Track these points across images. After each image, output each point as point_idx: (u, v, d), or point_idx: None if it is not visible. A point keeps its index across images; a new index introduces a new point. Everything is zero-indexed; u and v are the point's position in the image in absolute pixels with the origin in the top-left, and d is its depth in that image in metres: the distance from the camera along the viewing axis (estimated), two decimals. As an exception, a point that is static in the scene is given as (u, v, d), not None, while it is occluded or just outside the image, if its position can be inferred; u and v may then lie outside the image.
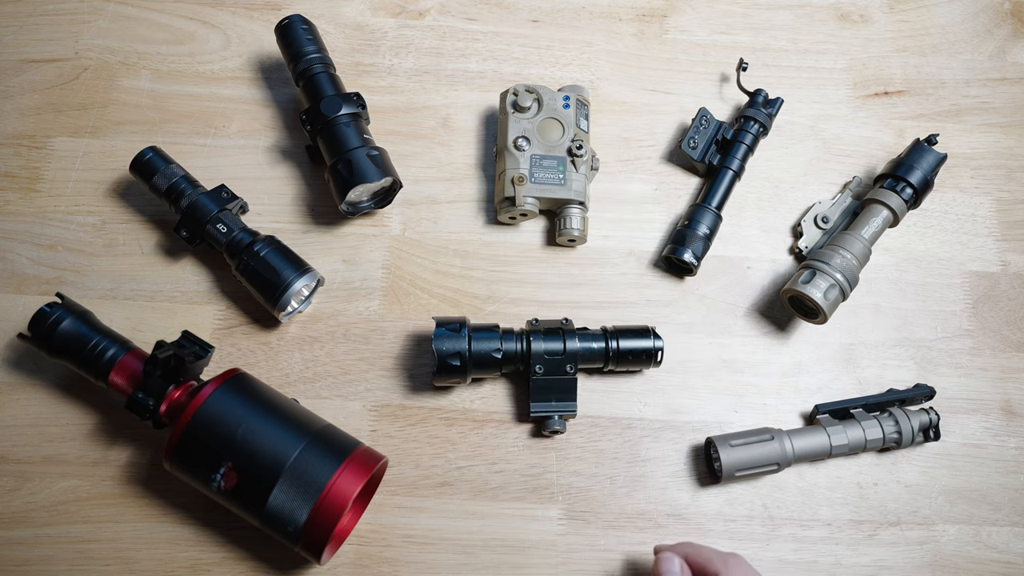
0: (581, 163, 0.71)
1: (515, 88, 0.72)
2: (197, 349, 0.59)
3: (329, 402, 0.66)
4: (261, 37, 0.80)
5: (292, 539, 0.55)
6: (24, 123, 0.75)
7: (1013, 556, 0.64)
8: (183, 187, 0.67)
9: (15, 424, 0.64)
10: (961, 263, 0.74)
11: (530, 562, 0.62)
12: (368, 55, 0.80)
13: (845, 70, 0.82)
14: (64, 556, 0.60)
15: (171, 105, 0.76)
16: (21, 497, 0.62)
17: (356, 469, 0.55)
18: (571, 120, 0.72)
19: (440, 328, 0.62)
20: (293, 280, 0.64)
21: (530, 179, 0.70)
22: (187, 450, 0.56)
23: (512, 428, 0.66)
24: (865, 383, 0.69)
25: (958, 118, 0.80)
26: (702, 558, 0.55)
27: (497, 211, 0.72)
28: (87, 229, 0.71)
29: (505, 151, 0.71)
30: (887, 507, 0.65)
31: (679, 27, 0.83)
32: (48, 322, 0.60)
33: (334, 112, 0.68)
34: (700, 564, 0.55)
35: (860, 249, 0.68)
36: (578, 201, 0.70)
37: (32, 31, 0.79)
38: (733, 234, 0.74)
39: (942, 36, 0.84)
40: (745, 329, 0.71)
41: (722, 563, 0.54)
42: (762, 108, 0.75)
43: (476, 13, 0.82)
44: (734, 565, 0.54)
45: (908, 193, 0.70)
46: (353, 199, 0.69)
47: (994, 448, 0.67)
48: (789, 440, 0.63)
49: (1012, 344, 0.71)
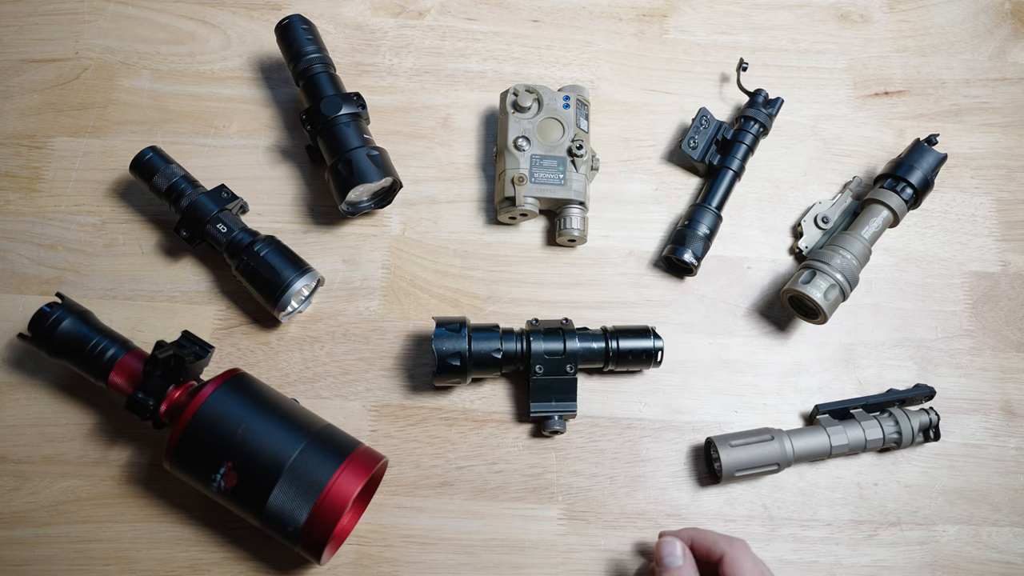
0: (581, 163, 0.70)
1: (515, 88, 0.72)
2: (197, 349, 0.59)
3: (329, 402, 0.66)
4: (261, 37, 0.80)
5: (292, 539, 0.55)
6: (24, 123, 0.75)
7: (1013, 556, 0.64)
8: (183, 187, 0.67)
9: (15, 424, 0.64)
10: (961, 263, 0.74)
11: (530, 562, 0.62)
12: (368, 55, 0.80)
13: (845, 70, 0.82)
14: (64, 556, 0.60)
15: (171, 105, 0.76)
16: (21, 497, 0.62)
17: (356, 469, 0.55)
18: (571, 120, 0.72)
19: (440, 328, 0.62)
20: (293, 280, 0.64)
21: (530, 179, 0.70)
22: (187, 450, 0.56)
23: (512, 428, 0.66)
24: (865, 383, 0.69)
25: (958, 118, 0.80)
26: (707, 542, 0.55)
27: (497, 211, 0.72)
28: (87, 229, 0.71)
29: (505, 151, 0.71)
30: (887, 507, 0.65)
31: (679, 27, 0.83)
32: (48, 322, 0.60)
33: (334, 112, 0.68)
34: (705, 547, 0.55)
35: (860, 249, 0.68)
36: (578, 201, 0.70)
37: (32, 31, 0.79)
38: (733, 234, 0.74)
39: (942, 36, 0.84)
40: (745, 329, 0.71)
41: (727, 545, 0.54)
42: (762, 108, 0.75)
43: (476, 13, 0.82)
44: (739, 547, 0.54)
45: (908, 193, 0.70)
46: (353, 199, 0.69)
47: (994, 448, 0.67)
48: (789, 440, 0.63)
49: (1012, 344, 0.71)
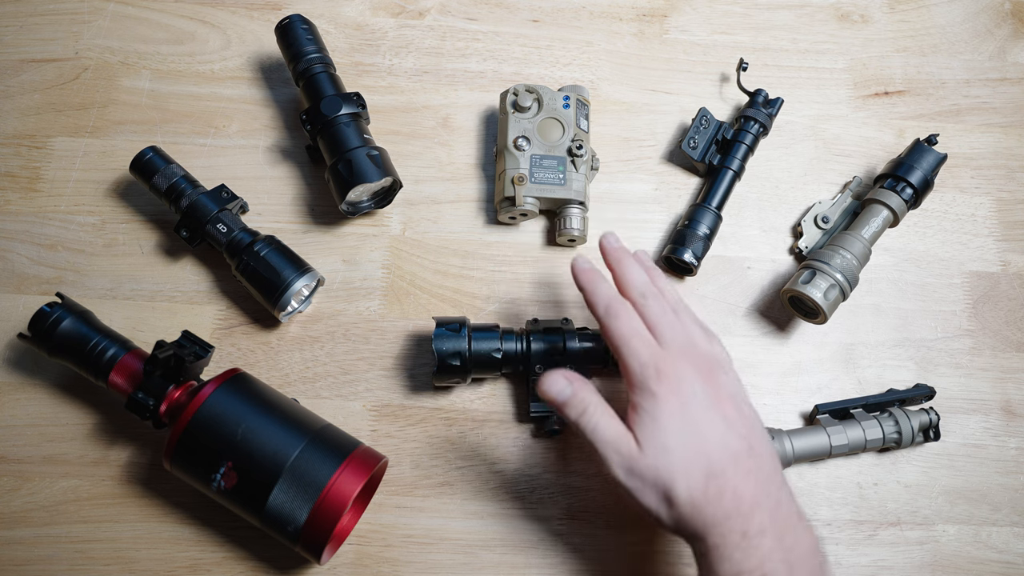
0: (581, 163, 0.70)
1: (515, 88, 0.72)
2: (197, 349, 0.59)
3: (329, 402, 0.66)
4: (261, 37, 0.80)
5: (292, 539, 0.55)
6: (24, 123, 0.75)
7: (1013, 556, 0.64)
8: (183, 187, 0.67)
9: (15, 424, 0.64)
10: (961, 263, 0.74)
11: (530, 562, 0.62)
12: (368, 55, 0.80)
13: (845, 70, 0.82)
14: (64, 556, 0.61)
15: (171, 105, 0.76)
16: (21, 497, 0.62)
17: (356, 469, 0.55)
18: (571, 120, 0.72)
19: (440, 328, 0.62)
20: (293, 280, 0.64)
21: (530, 179, 0.70)
22: (187, 450, 0.56)
23: (512, 428, 0.66)
24: (865, 383, 0.69)
25: (958, 118, 0.80)
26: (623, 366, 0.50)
27: (497, 211, 0.72)
28: (87, 229, 0.71)
29: (505, 151, 0.71)
30: (887, 507, 0.65)
31: (679, 27, 0.83)
32: (48, 322, 0.60)
33: (334, 112, 0.68)
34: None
35: (860, 249, 0.68)
36: (578, 201, 0.70)
37: (32, 31, 0.79)
38: (733, 234, 0.74)
39: (942, 36, 0.84)
40: (745, 329, 0.71)
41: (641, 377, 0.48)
42: (762, 108, 0.75)
43: (476, 13, 0.82)
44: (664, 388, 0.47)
45: (908, 193, 0.70)
46: (353, 199, 0.69)
47: (994, 448, 0.67)
48: (789, 440, 0.63)
49: (1012, 344, 0.71)
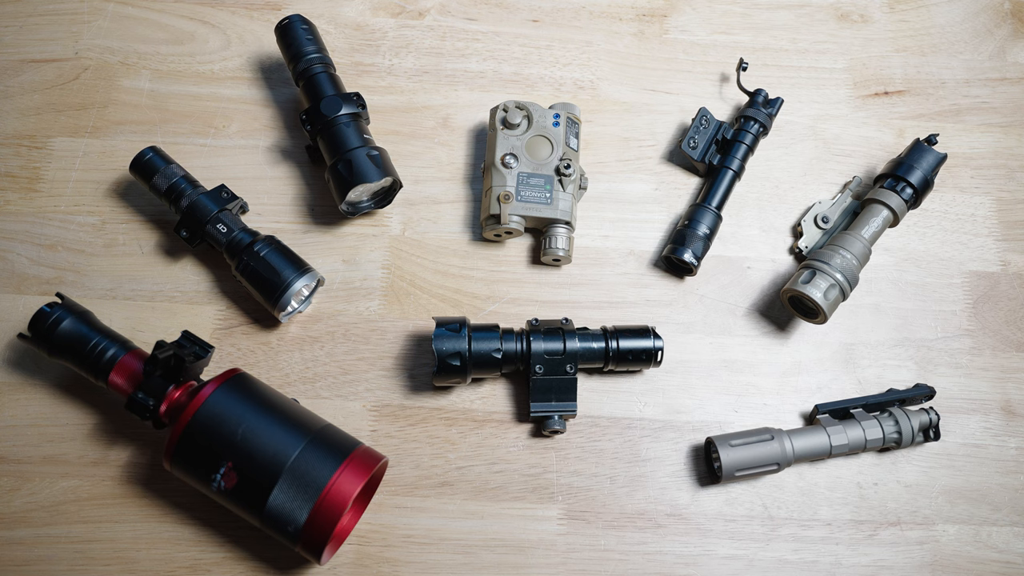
0: (569, 183, 0.70)
1: (505, 104, 0.72)
2: (197, 349, 0.59)
3: (329, 402, 0.66)
4: (261, 37, 0.80)
5: (292, 539, 0.55)
6: (24, 123, 0.75)
7: (1013, 556, 0.64)
8: (183, 187, 0.67)
9: (15, 424, 0.64)
10: (961, 263, 0.74)
11: (530, 562, 0.62)
12: (368, 55, 0.80)
13: (845, 70, 0.82)
14: (64, 556, 0.60)
15: (171, 105, 0.76)
16: (21, 497, 0.62)
17: (356, 469, 0.55)
18: (560, 138, 0.71)
19: (440, 328, 0.62)
20: (293, 280, 0.64)
21: (516, 197, 0.69)
22: (187, 450, 0.56)
23: (512, 428, 0.66)
24: (865, 383, 0.69)
25: (958, 118, 0.80)
26: None
27: (483, 228, 0.71)
28: (87, 229, 0.71)
29: (492, 168, 0.70)
30: (887, 507, 0.65)
31: (679, 27, 0.83)
32: (48, 322, 0.60)
33: (334, 112, 0.68)
34: None
35: (860, 249, 0.68)
36: (564, 221, 0.70)
37: (32, 31, 0.79)
38: (733, 234, 0.74)
39: (942, 36, 0.84)
40: (745, 329, 0.71)
41: None
42: (762, 108, 0.75)
43: (476, 13, 0.82)
44: None
45: (908, 193, 0.70)
46: (353, 199, 0.69)
47: (994, 448, 0.67)
48: (789, 440, 0.63)
49: (1012, 344, 0.71)
